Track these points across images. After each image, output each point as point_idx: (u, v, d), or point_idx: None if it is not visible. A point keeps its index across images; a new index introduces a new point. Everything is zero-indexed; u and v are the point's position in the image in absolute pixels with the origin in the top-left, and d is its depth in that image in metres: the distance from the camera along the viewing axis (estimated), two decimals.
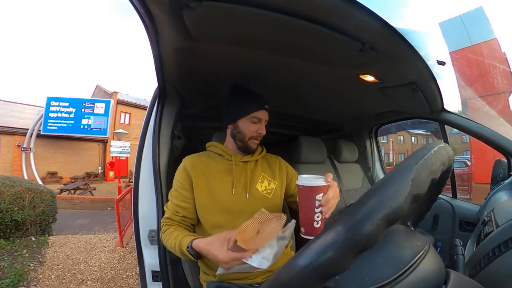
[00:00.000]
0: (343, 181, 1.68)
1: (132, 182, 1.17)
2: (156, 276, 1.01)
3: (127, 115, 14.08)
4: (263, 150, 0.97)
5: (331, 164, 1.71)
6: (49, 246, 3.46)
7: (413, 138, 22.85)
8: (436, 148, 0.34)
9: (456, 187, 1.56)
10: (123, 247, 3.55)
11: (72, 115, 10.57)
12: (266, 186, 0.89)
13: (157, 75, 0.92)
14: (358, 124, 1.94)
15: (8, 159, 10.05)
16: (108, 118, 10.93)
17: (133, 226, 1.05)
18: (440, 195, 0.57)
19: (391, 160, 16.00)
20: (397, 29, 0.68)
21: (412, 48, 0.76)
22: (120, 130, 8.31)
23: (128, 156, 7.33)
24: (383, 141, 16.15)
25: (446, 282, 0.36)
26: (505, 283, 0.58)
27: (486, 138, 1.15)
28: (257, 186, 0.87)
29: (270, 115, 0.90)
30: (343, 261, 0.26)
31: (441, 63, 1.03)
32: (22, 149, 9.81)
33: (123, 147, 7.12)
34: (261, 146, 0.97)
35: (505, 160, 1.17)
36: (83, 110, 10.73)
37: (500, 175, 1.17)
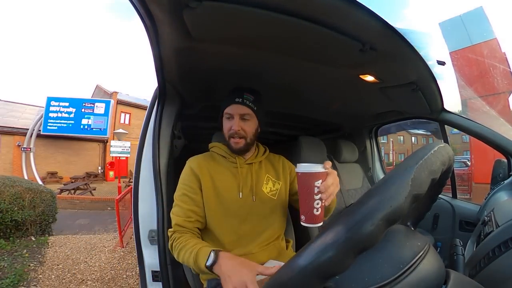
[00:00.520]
0: (343, 181, 1.68)
1: (132, 182, 1.17)
2: (156, 276, 1.01)
3: (127, 115, 14.08)
4: (266, 150, 0.96)
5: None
6: (49, 246, 3.46)
7: (413, 138, 22.85)
8: (436, 148, 0.34)
9: (456, 187, 1.56)
10: (123, 247, 3.55)
11: (72, 115, 10.57)
12: (271, 187, 0.88)
13: (157, 75, 0.92)
14: (358, 124, 1.94)
15: (8, 159, 10.05)
16: (108, 118, 10.93)
17: (133, 226, 1.05)
18: (440, 195, 0.57)
19: (391, 160, 16.01)
20: (397, 29, 0.68)
21: (412, 48, 0.76)
22: (120, 130, 8.32)
23: (128, 156, 7.33)
24: (383, 141, 16.15)
25: (446, 282, 0.36)
26: (505, 283, 0.58)
27: (486, 138, 1.15)
28: (262, 188, 0.86)
29: (250, 106, 0.83)
30: (343, 261, 0.26)
31: (441, 63, 1.04)
32: (22, 149, 9.81)
33: (123, 147, 7.12)
34: (263, 146, 0.96)
35: (505, 160, 1.17)
36: (83, 110, 10.73)
37: (500, 175, 1.17)
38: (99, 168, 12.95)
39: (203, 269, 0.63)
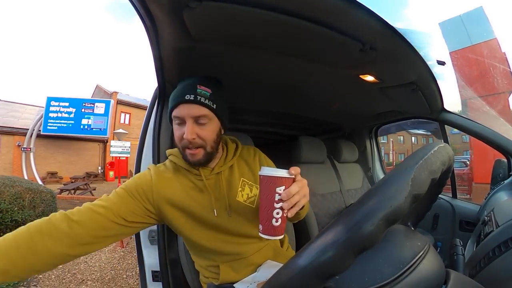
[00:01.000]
0: (343, 181, 1.68)
1: None
2: (156, 276, 1.01)
3: (127, 115, 14.10)
4: (237, 147, 0.81)
5: (331, 164, 1.71)
6: None
7: (413, 138, 22.86)
8: (436, 148, 0.34)
9: (456, 187, 1.56)
10: (123, 247, 3.55)
11: (72, 115, 10.58)
12: (248, 194, 0.75)
13: (157, 75, 0.92)
14: (358, 124, 1.94)
15: (8, 159, 10.05)
16: (108, 118, 10.94)
17: None
18: (440, 195, 0.57)
19: (391, 160, 16.01)
20: (397, 29, 0.68)
21: (412, 48, 0.76)
22: (120, 130, 8.32)
23: (128, 156, 7.33)
24: (383, 141, 16.16)
25: (446, 282, 0.36)
26: (505, 283, 0.58)
27: (486, 138, 1.15)
28: (237, 198, 0.74)
29: (205, 105, 0.65)
30: (343, 261, 0.26)
31: (441, 63, 1.04)
32: (22, 149, 9.81)
33: (123, 147, 7.12)
34: (233, 141, 0.82)
35: (505, 160, 1.17)
36: (83, 110, 10.74)
37: (500, 175, 1.17)
38: (99, 168, 12.96)
39: None
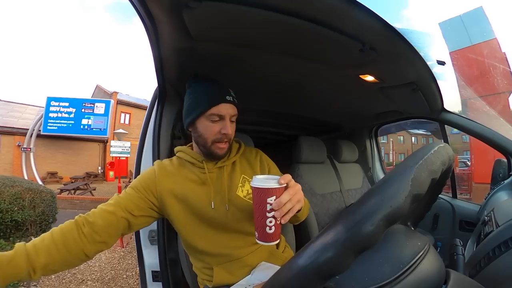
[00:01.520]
0: (343, 181, 1.68)
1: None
2: (156, 276, 1.01)
3: (127, 115, 14.10)
4: (240, 146, 0.84)
5: (331, 164, 1.71)
6: None
7: (413, 138, 22.86)
8: (436, 148, 0.34)
9: (456, 187, 1.56)
10: (123, 247, 3.55)
11: (72, 115, 10.57)
12: (248, 190, 0.77)
13: (157, 75, 0.92)
14: (358, 124, 1.94)
15: (8, 159, 10.05)
16: (108, 118, 10.93)
17: None
18: (440, 195, 0.57)
19: (391, 160, 16.01)
20: (397, 29, 0.68)
21: (412, 48, 0.77)
22: (120, 130, 8.31)
23: (128, 156, 7.32)
24: (383, 141, 16.16)
25: (446, 282, 0.36)
26: (505, 283, 0.58)
27: (486, 138, 1.15)
28: (237, 193, 0.76)
29: (238, 108, 0.74)
30: (343, 261, 0.26)
31: (441, 63, 1.04)
32: (22, 149, 9.80)
33: (123, 147, 7.11)
34: (237, 142, 0.85)
35: (505, 160, 1.17)
36: (83, 110, 10.73)
37: (500, 175, 1.17)
38: (99, 168, 12.96)
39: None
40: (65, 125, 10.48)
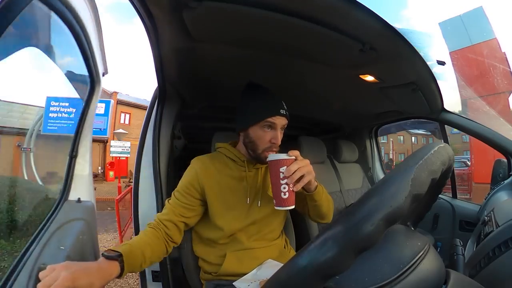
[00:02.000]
0: (343, 181, 1.68)
1: (132, 182, 1.17)
2: (156, 276, 1.01)
3: (127, 115, 14.10)
4: None
5: (331, 164, 1.71)
6: None
7: (413, 138, 22.87)
8: (436, 148, 0.34)
9: (456, 187, 1.56)
10: None
11: (72, 115, 10.52)
12: None
13: (157, 75, 0.92)
14: (358, 124, 1.94)
15: (8, 159, 10.05)
16: (108, 118, 10.91)
17: (133, 226, 1.05)
18: (440, 195, 0.57)
19: (391, 157, 16.00)
20: (397, 29, 0.68)
21: (412, 48, 0.77)
22: (120, 130, 8.33)
23: (128, 156, 7.34)
24: (383, 141, 16.16)
25: (446, 282, 0.36)
26: (505, 283, 0.58)
27: (486, 138, 1.15)
28: (269, 192, 0.85)
29: (289, 119, 0.82)
30: (343, 261, 0.26)
31: (441, 63, 1.04)
32: (22, 149, 9.78)
33: (123, 147, 7.13)
34: None
35: (505, 160, 1.17)
36: None
37: (500, 175, 1.17)
38: (99, 168, 12.94)
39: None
40: (65, 125, 10.45)
